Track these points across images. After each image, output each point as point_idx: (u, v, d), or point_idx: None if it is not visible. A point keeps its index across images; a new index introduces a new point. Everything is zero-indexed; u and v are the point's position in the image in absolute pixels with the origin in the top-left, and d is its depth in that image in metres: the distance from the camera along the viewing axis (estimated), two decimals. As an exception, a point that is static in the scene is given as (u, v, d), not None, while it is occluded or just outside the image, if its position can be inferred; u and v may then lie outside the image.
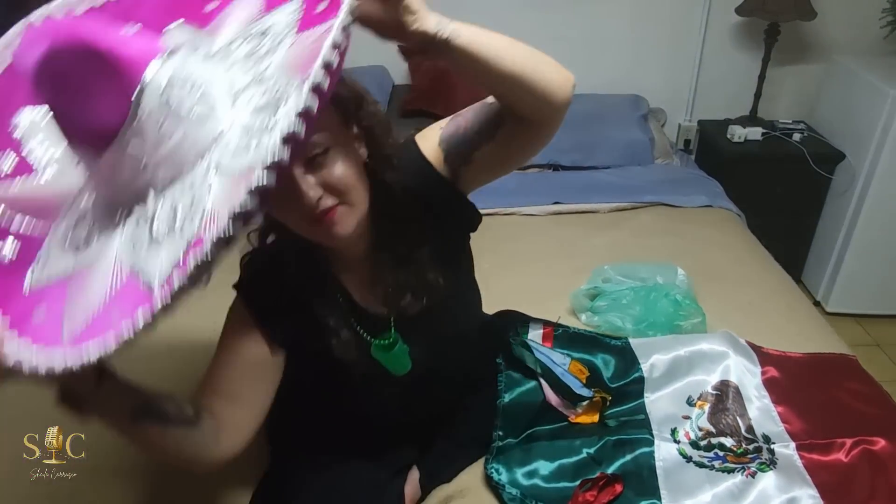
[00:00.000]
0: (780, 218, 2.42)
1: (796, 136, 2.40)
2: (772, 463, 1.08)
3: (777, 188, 2.38)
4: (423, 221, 0.95)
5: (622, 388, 1.23)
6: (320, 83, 0.56)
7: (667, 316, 1.40)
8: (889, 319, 2.42)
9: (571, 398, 1.17)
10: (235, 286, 0.95)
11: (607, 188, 2.17)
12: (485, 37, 0.76)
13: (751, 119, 2.51)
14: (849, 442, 1.09)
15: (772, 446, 1.12)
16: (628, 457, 1.08)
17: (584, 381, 1.20)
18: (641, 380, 1.23)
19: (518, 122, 0.87)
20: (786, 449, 1.11)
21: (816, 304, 2.47)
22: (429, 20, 0.72)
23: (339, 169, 0.79)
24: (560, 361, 1.22)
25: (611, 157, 2.34)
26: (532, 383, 1.19)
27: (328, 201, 0.79)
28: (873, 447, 1.08)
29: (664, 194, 2.13)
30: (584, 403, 1.17)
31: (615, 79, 2.53)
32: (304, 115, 0.55)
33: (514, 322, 1.31)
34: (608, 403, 1.19)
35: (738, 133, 2.40)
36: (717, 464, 1.09)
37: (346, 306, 0.97)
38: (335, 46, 0.58)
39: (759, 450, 1.12)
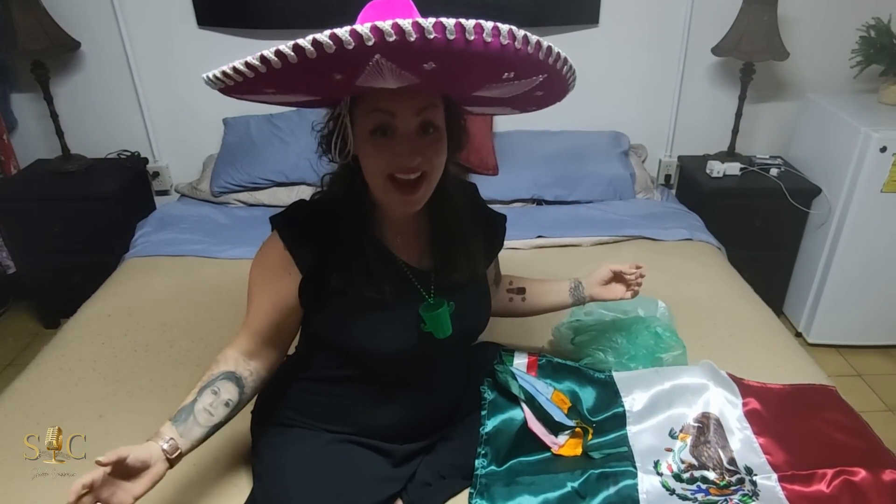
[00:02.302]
0: (760, 251, 2.46)
1: (774, 171, 2.45)
2: (754, 495, 1.09)
3: (756, 221, 2.42)
4: (476, 225, 1.13)
5: (604, 421, 1.23)
6: None
7: (648, 348, 1.41)
8: (870, 350, 2.44)
9: (553, 427, 1.17)
10: (271, 217, 1.03)
11: (589, 222, 2.20)
12: None
13: (729, 155, 2.57)
14: (830, 472, 1.09)
15: (754, 478, 1.12)
16: (612, 489, 1.08)
17: (566, 411, 1.20)
18: (623, 414, 1.23)
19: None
20: (768, 480, 1.11)
21: (798, 335, 2.50)
22: None
23: (439, 148, 0.95)
24: (543, 390, 1.22)
25: (593, 192, 2.38)
26: (515, 410, 1.19)
27: (418, 172, 0.93)
28: (854, 478, 1.08)
29: (645, 228, 2.17)
30: (566, 433, 1.18)
31: (597, 116, 2.58)
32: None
33: (499, 350, 1.32)
34: (590, 435, 1.19)
35: (717, 168, 2.45)
36: (700, 496, 1.09)
37: (384, 252, 1.05)
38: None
39: (741, 481, 1.12)
